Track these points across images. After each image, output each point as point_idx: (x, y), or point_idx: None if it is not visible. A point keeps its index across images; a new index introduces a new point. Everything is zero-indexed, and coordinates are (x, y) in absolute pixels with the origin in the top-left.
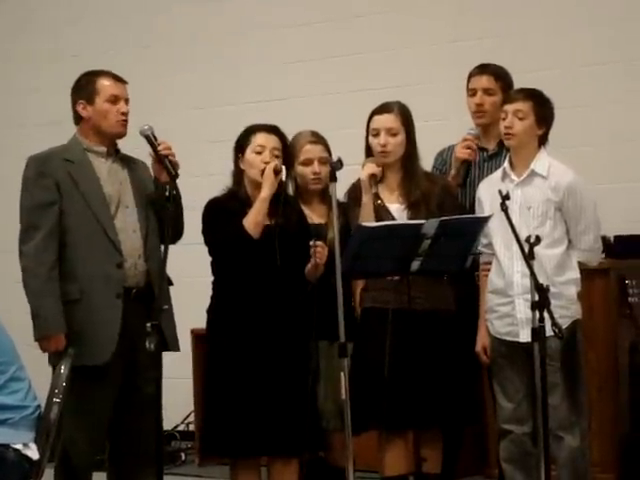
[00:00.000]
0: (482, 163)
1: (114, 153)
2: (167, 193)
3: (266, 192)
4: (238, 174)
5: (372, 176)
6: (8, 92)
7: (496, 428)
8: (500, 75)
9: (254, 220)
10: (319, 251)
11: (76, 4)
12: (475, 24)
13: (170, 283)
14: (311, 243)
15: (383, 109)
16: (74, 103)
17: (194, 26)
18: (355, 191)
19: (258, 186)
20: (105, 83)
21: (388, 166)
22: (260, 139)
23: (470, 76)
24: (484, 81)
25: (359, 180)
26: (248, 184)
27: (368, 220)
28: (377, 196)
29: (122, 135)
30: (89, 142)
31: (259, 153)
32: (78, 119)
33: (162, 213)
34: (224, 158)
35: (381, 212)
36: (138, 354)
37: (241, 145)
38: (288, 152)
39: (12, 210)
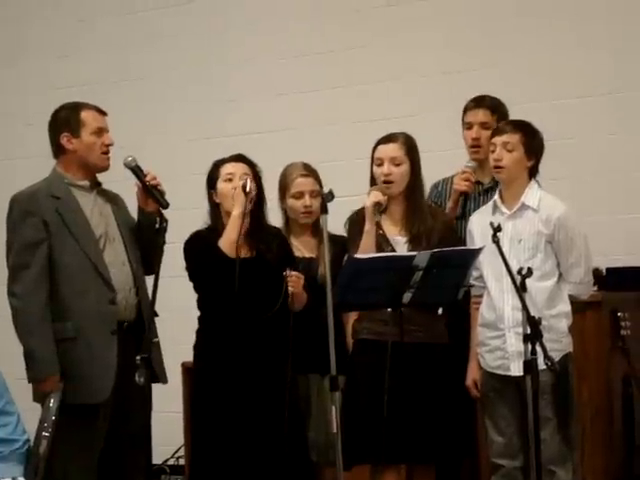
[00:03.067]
0: (477, 197)
1: (96, 186)
2: (157, 225)
3: (237, 209)
4: (214, 209)
5: (377, 204)
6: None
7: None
8: (496, 108)
9: (228, 238)
10: (294, 280)
11: (68, 38)
12: (466, 56)
13: (155, 315)
14: (285, 273)
15: (388, 139)
16: (56, 136)
17: (187, 58)
18: (357, 220)
19: None
20: (90, 115)
21: (392, 197)
22: (228, 168)
23: (466, 109)
24: (480, 115)
25: (360, 210)
26: (225, 216)
27: (369, 249)
28: (379, 226)
29: (106, 168)
30: (72, 176)
31: (230, 180)
32: (59, 152)
33: (148, 244)
34: None
35: (382, 243)
36: (129, 387)
37: (211, 179)
38: (260, 178)
39: (1, 243)
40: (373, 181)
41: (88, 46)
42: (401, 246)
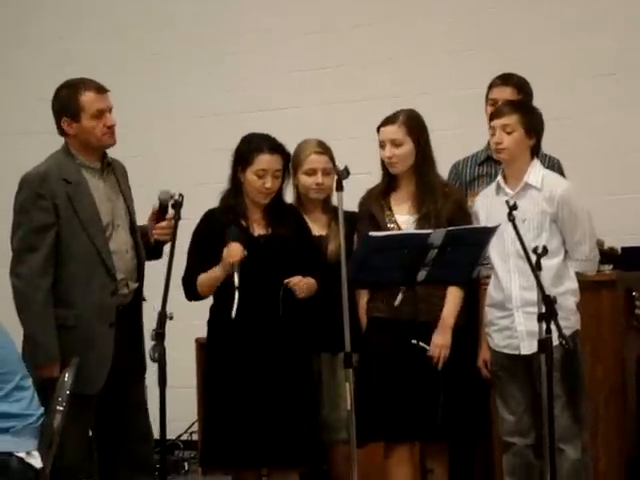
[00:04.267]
0: (497, 176)
1: (106, 166)
2: (172, 200)
3: (221, 273)
4: (237, 185)
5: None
6: (12, 101)
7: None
8: (522, 87)
9: (206, 285)
10: (298, 286)
11: (80, 14)
12: (472, 35)
13: (143, 299)
14: (286, 283)
15: (387, 121)
16: (58, 118)
17: (197, 36)
18: (365, 202)
19: (256, 203)
20: (89, 98)
21: (400, 176)
22: (263, 162)
23: (492, 86)
24: (506, 93)
25: (373, 189)
26: (247, 198)
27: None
28: (388, 206)
29: (111, 145)
30: (82, 157)
31: (260, 177)
32: (63, 134)
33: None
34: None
35: (388, 222)
36: (124, 363)
37: (243, 159)
38: (289, 167)
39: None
40: (383, 162)
41: (100, 24)
42: (408, 225)
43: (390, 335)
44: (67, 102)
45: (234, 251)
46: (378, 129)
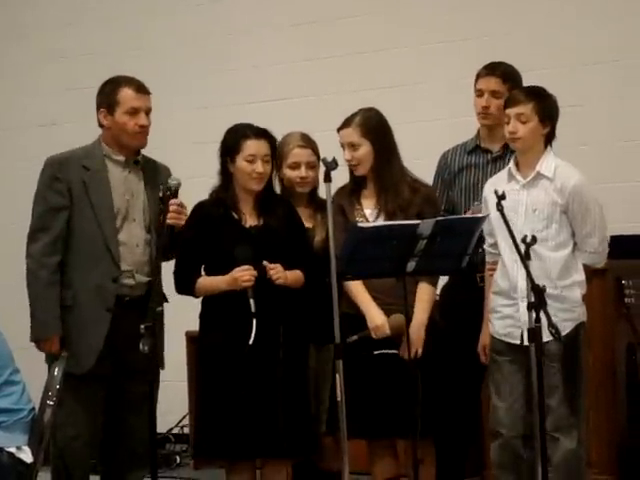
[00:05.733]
0: (486, 165)
1: (133, 163)
2: (160, 194)
3: (226, 288)
4: (226, 178)
5: None
6: (7, 93)
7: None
8: (509, 76)
9: (206, 291)
10: (274, 274)
11: (76, 6)
12: (467, 23)
13: (165, 300)
14: (265, 266)
15: (343, 124)
16: (97, 110)
17: (185, 28)
18: (336, 198)
19: (248, 191)
20: (127, 94)
21: (367, 175)
22: (251, 148)
23: (478, 76)
24: (492, 83)
25: (345, 186)
26: (238, 188)
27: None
28: (357, 202)
29: (142, 147)
30: (109, 149)
31: (250, 162)
32: (100, 125)
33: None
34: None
35: (357, 216)
36: (130, 357)
37: (230, 148)
38: (275, 153)
39: (11, 211)
40: None
41: (96, 15)
42: (372, 221)
43: (356, 331)
44: (107, 95)
45: (247, 275)
46: (338, 131)
